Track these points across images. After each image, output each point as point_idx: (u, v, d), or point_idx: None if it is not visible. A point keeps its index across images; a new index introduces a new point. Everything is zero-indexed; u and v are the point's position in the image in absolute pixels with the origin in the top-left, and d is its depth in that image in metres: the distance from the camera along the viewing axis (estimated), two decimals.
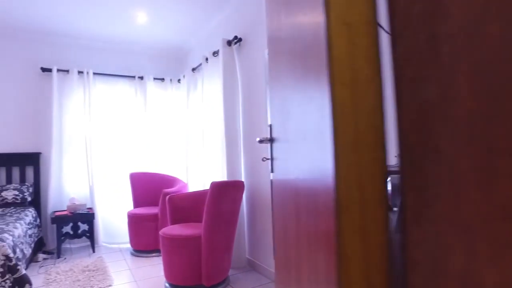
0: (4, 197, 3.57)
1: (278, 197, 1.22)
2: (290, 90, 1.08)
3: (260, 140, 1.33)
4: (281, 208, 1.18)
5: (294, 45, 1.05)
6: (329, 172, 0.81)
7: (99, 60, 4.43)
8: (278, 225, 1.18)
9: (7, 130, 3.97)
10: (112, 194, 4.34)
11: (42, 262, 3.55)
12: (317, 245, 0.89)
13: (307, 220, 0.95)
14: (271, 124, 1.27)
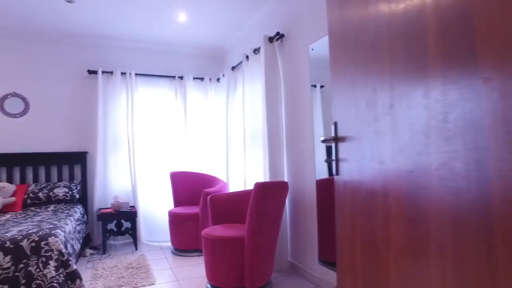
0: (56, 194, 3.73)
1: (348, 200, 1.10)
2: (397, 81, 0.92)
3: (324, 140, 1.22)
4: (352, 212, 1.06)
5: (393, 32, 0.91)
6: None
7: (141, 61, 4.53)
8: (345, 230, 1.08)
9: (58, 131, 4.15)
10: (154, 192, 4.42)
11: (90, 257, 3.67)
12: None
13: (409, 228, 0.83)
14: (335, 122, 1.17)
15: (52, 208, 3.50)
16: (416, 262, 0.83)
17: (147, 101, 4.47)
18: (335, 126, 1.15)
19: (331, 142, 1.16)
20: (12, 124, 4.00)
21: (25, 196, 3.63)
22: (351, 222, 1.06)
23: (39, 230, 2.45)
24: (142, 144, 4.39)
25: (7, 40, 4.00)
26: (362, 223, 1.01)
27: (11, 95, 4.00)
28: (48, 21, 3.71)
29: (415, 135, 0.84)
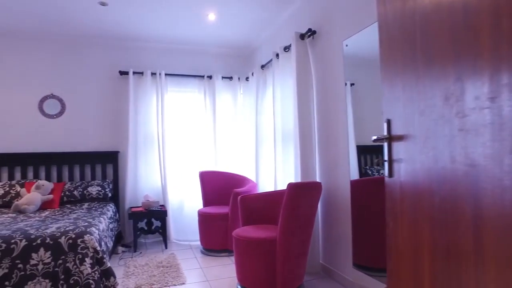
0: (90, 192, 3.82)
1: (406, 205, 1.00)
2: (505, 67, 0.76)
3: (376, 139, 1.13)
4: (416, 219, 0.96)
5: None
6: None
7: (170, 61, 4.58)
8: (402, 237, 0.98)
9: (92, 130, 4.26)
10: (183, 192, 4.44)
11: (121, 254, 3.73)
12: None
13: None
14: (389, 119, 1.08)
15: (86, 206, 3.59)
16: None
17: (176, 100, 4.51)
18: (389, 124, 1.06)
19: (383, 141, 1.07)
20: (50, 125, 4.14)
21: (62, 194, 3.74)
22: (413, 230, 0.97)
23: (75, 227, 2.50)
24: (172, 144, 4.43)
25: (45, 45, 4.15)
26: (434, 233, 0.91)
27: (49, 96, 4.14)
28: (83, 25, 3.81)
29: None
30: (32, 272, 2.20)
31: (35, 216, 3.09)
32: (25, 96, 4.08)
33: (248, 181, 3.97)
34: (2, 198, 3.58)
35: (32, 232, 2.38)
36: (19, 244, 2.24)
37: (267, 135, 3.94)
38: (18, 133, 4.04)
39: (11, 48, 4.06)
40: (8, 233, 2.36)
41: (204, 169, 4.42)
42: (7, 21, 3.67)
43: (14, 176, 3.97)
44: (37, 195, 3.47)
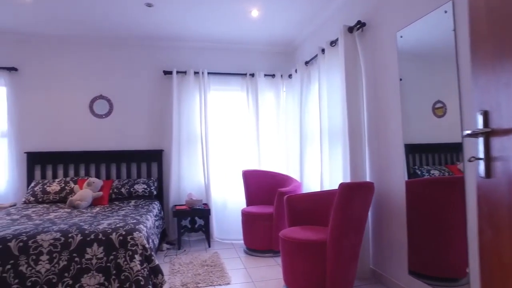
0: (136, 190, 3.92)
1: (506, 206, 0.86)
2: None
3: (470, 134, 0.98)
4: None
5: None
6: None
7: (213, 60, 4.59)
8: (507, 245, 0.85)
9: (137, 130, 4.38)
10: (226, 190, 4.44)
11: (166, 251, 3.79)
12: None
13: None
14: (486, 111, 0.93)
15: (133, 203, 3.67)
16: None
17: (219, 99, 4.52)
18: (485, 116, 0.91)
19: (478, 136, 0.92)
20: (99, 124, 4.30)
21: (110, 191, 3.87)
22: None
23: (125, 224, 2.55)
24: (215, 142, 4.45)
25: (95, 48, 4.32)
26: None
27: (98, 97, 4.30)
28: (129, 28, 3.91)
29: None
30: (87, 266, 2.27)
31: (87, 212, 3.20)
32: (77, 97, 4.27)
33: (292, 180, 3.88)
34: (58, 193, 3.76)
35: (86, 227, 2.45)
36: (75, 239, 2.31)
37: (312, 133, 3.82)
38: (71, 132, 4.24)
39: (64, 52, 4.26)
40: (66, 227, 2.45)
41: (247, 168, 4.38)
42: (60, 29, 3.86)
43: (68, 173, 4.16)
44: (88, 191, 3.61)
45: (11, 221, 2.81)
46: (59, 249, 2.26)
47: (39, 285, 2.20)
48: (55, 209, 3.34)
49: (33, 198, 3.73)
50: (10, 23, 3.76)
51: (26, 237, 2.29)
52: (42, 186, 3.81)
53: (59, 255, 2.25)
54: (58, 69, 4.24)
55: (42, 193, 3.75)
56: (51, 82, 4.23)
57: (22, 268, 2.21)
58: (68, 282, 2.23)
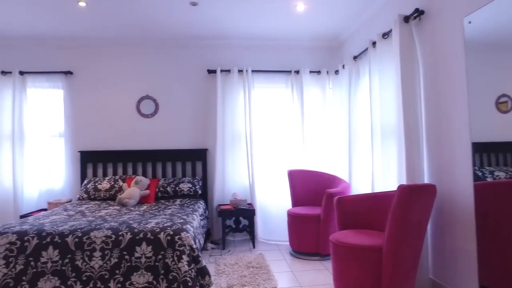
0: (181, 189, 3.95)
1: None
2: None
3: None
4: None
5: None
6: None
7: (257, 57, 4.52)
8: None
9: (182, 129, 4.43)
10: (271, 191, 4.35)
11: (211, 251, 3.78)
12: None
13: None
14: None
15: (178, 202, 3.70)
16: None
17: (263, 97, 4.45)
18: None
19: None
20: (146, 124, 4.41)
21: (157, 189, 3.93)
22: None
23: (172, 224, 2.54)
24: (260, 141, 4.38)
25: (141, 49, 4.43)
26: None
27: (145, 97, 4.41)
28: (173, 28, 3.95)
29: None
30: (137, 264, 2.28)
31: (135, 210, 3.26)
32: (125, 98, 4.40)
33: (340, 181, 3.70)
34: (108, 191, 3.89)
35: (135, 226, 2.48)
36: (125, 237, 2.33)
37: (361, 131, 3.62)
38: (120, 132, 4.38)
39: (114, 55, 4.41)
40: (116, 225, 2.50)
41: (293, 167, 4.26)
42: (110, 33, 3.99)
43: (117, 171, 4.30)
44: (136, 190, 3.69)
45: (67, 216, 2.92)
46: (110, 247, 2.30)
47: (93, 280, 2.25)
48: (105, 206, 3.45)
49: (86, 195, 3.89)
50: (66, 30, 3.94)
51: (81, 233, 2.36)
52: (93, 184, 3.97)
53: (110, 252, 2.29)
54: (108, 71, 4.40)
55: (94, 191, 3.90)
56: (102, 84, 4.39)
57: (78, 263, 2.27)
58: (119, 279, 2.26)
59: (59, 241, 2.31)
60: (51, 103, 4.32)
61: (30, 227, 2.48)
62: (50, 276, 2.25)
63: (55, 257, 2.28)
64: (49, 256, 2.28)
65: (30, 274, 2.25)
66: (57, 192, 4.28)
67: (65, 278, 2.25)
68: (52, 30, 3.98)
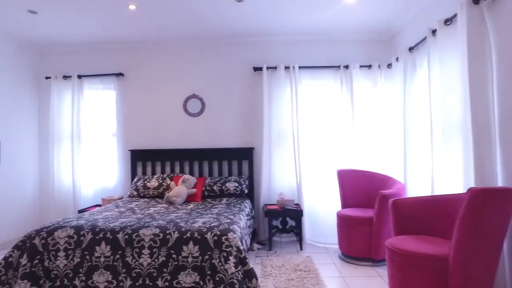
0: (228, 188, 3.92)
1: None
2: None
3: None
4: None
5: None
6: None
7: (304, 53, 4.37)
8: None
9: (229, 127, 4.41)
10: (319, 191, 4.18)
11: (257, 252, 3.71)
12: None
13: None
14: None
15: (225, 201, 3.67)
16: None
17: (311, 94, 4.28)
18: None
19: None
20: (193, 123, 4.45)
21: (203, 188, 3.94)
22: None
23: (219, 224, 2.49)
24: (307, 140, 4.23)
25: (188, 49, 4.48)
26: None
27: (191, 97, 4.45)
28: (219, 26, 3.93)
29: None
30: (184, 264, 2.26)
31: (183, 208, 3.28)
32: (172, 97, 4.48)
33: (393, 182, 3.45)
34: (157, 189, 3.97)
35: (182, 225, 2.46)
36: (173, 236, 2.33)
37: (418, 128, 3.33)
38: (168, 131, 4.47)
39: (162, 56, 4.51)
40: (164, 223, 2.51)
41: (342, 167, 4.06)
42: (158, 34, 4.07)
43: (165, 170, 4.39)
44: (183, 188, 3.72)
45: (118, 213, 3.01)
46: (158, 245, 2.30)
47: (142, 277, 2.27)
48: (154, 204, 3.51)
49: (136, 193, 4.01)
50: (117, 34, 4.09)
51: (130, 231, 2.39)
52: (143, 182, 4.07)
53: (158, 250, 2.29)
54: (156, 71, 4.51)
55: (143, 188, 4.00)
56: (151, 84, 4.51)
57: (128, 259, 2.30)
58: (166, 278, 2.25)
59: (111, 237, 2.36)
60: (105, 104, 4.53)
61: (85, 222, 2.57)
62: (103, 270, 2.31)
63: (107, 252, 2.33)
64: (102, 251, 2.34)
65: (86, 267, 2.33)
66: (110, 189, 4.47)
67: (117, 273, 2.29)
68: (104, 35, 4.15)
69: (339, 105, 4.18)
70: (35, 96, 4.62)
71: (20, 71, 4.37)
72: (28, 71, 4.51)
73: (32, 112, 4.56)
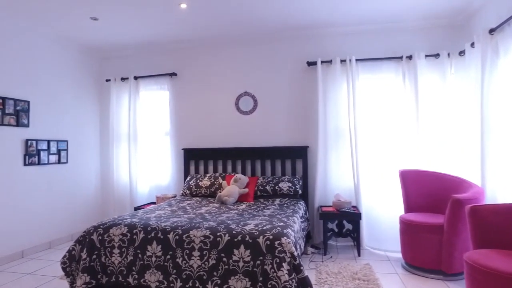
0: (281, 188, 3.77)
1: None
2: None
3: None
4: None
5: None
6: None
7: (361, 45, 4.05)
8: None
9: (282, 125, 4.25)
10: (379, 193, 3.85)
11: (311, 256, 3.51)
12: None
13: None
14: None
15: (278, 202, 3.52)
16: None
17: (370, 88, 3.96)
18: None
19: None
20: (245, 121, 4.36)
21: (256, 188, 3.83)
22: None
23: (272, 227, 2.35)
24: (366, 137, 3.92)
25: (239, 46, 4.40)
26: None
27: (243, 94, 4.37)
28: (270, 20, 3.77)
29: None
30: (234, 268, 2.15)
31: (234, 209, 3.20)
32: (224, 96, 4.43)
33: (468, 185, 3.03)
34: (209, 188, 3.95)
35: (233, 227, 2.36)
36: (223, 238, 2.23)
37: (501, 125, 2.88)
38: (220, 130, 4.43)
39: (213, 53, 4.49)
40: (214, 225, 2.42)
41: (405, 167, 3.70)
42: (210, 31, 4.04)
43: (217, 168, 4.37)
44: (235, 188, 3.64)
45: (171, 212, 3.00)
46: (208, 247, 2.22)
47: (192, 279, 2.20)
48: (206, 203, 3.47)
49: (188, 191, 4.02)
50: (169, 33, 4.14)
51: (181, 231, 2.34)
52: (195, 181, 4.08)
53: (208, 253, 2.21)
54: (208, 70, 4.49)
55: (195, 187, 4.00)
56: (203, 82, 4.51)
57: (178, 260, 2.25)
58: (216, 282, 2.16)
59: (162, 237, 2.34)
60: (159, 104, 4.63)
61: (139, 221, 2.58)
62: (155, 270, 2.29)
63: (158, 252, 2.31)
64: (153, 251, 2.32)
65: (138, 265, 2.33)
66: (164, 187, 4.56)
67: (167, 274, 2.26)
68: (158, 35, 4.22)
69: (401, 99, 3.80)
70: (96, 98, 4.87)
71: (83, 75, 4.63)
72: (90, 74, 4.76)
73: (94, 113, 4.82)
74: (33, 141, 3.81)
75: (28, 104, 3.76)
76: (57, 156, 4.11)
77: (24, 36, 3.77)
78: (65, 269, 2.51)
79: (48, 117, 4.04)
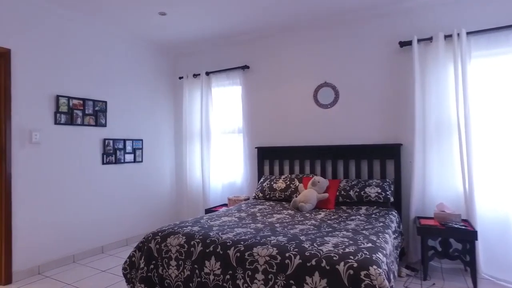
0: (368, 194, 3.16)
1: None
2: None
3: None
4: None
5: None
6: None
7: (474, 12, 3.15)
8: None
9: (368, 120, 3.61)
10: (502, 203, 2.94)
11: (406, 279, 2.85)
12: None
13: None
14: None
15: (364, 212, 2.94)
16: None
17: (486, 70, 3.05)
18: None
19: None
20: (324, 115, 3.84)
21: (337, 193, 3.29)
22: None
23: (356, 250, 1.80)
24: (480, 133, 3.04)
25: (316, 31, 3.88)
26: None
27: (323, 85, 3.84)
28: None
29: None
30: None
31: (311, 218, 2.73)
32: (301, 88, 3.97)
33: None
34: (283, 191, 3.54)
35: (307, 246, 1.88)
36: (293, 261, 1.77)
37: None
38: (296, 126, 3.99)
39: (287, 42, 4.06)
40: (284, 241, 1.98)
41: None
42: (279, 19, 3.60)
43: (293, 169, 3.92)
44: (313, 192, 3.16)
45: (237, 220, 2.67)
46: (275, 270, 1.79)
47: None
48: (279, 210, 3.07)
49: (261, 194, 3.67)
50: (240, 25, 3.86)
51: (243, 247, 1.96)
52: (269, 183, 3.70)
53: (274, 277, 1.78)
54: (282, 60, 4.09)
55: (269, 190, 3.63)
56: (277, 75, 4.12)
57: (239, 282, 1.88)
58: None
59: (221, 252, 1.98)
60: (231, 100, 4.39)
61: (199, 230, 2.29)
62: None
63: (217, 270, 1.96)
64: (211, 268, 1.98)
65: (196, 282, 2.02)
66: (237, 187, 4.30)
67: None
68: (227, 28, 4.00)
69: None
70: (170, 96, 4.84)
71: (157, 74, 4.63)
72: (164, 73, 4.75)
73: (168, 112, 4.79)
74: (110, 140, 3.87)
75: (105, 104, 3.83)
76: (132, 155, 4.14)
77: (100, 38, 3.85)
78: (125, 276, 2.36)
79: (124, 116, 4.09)
